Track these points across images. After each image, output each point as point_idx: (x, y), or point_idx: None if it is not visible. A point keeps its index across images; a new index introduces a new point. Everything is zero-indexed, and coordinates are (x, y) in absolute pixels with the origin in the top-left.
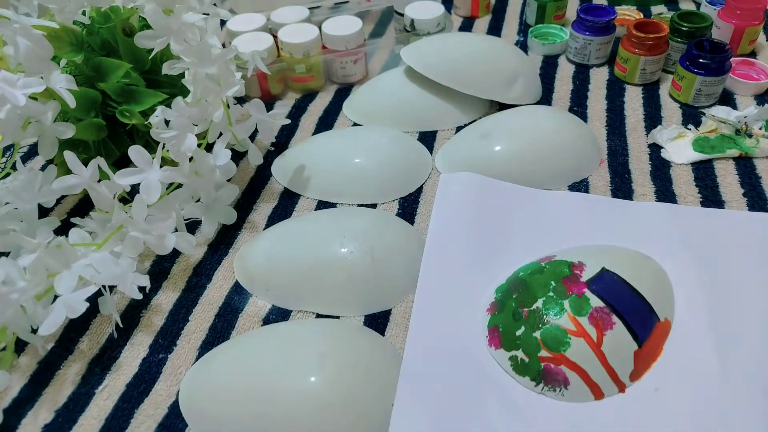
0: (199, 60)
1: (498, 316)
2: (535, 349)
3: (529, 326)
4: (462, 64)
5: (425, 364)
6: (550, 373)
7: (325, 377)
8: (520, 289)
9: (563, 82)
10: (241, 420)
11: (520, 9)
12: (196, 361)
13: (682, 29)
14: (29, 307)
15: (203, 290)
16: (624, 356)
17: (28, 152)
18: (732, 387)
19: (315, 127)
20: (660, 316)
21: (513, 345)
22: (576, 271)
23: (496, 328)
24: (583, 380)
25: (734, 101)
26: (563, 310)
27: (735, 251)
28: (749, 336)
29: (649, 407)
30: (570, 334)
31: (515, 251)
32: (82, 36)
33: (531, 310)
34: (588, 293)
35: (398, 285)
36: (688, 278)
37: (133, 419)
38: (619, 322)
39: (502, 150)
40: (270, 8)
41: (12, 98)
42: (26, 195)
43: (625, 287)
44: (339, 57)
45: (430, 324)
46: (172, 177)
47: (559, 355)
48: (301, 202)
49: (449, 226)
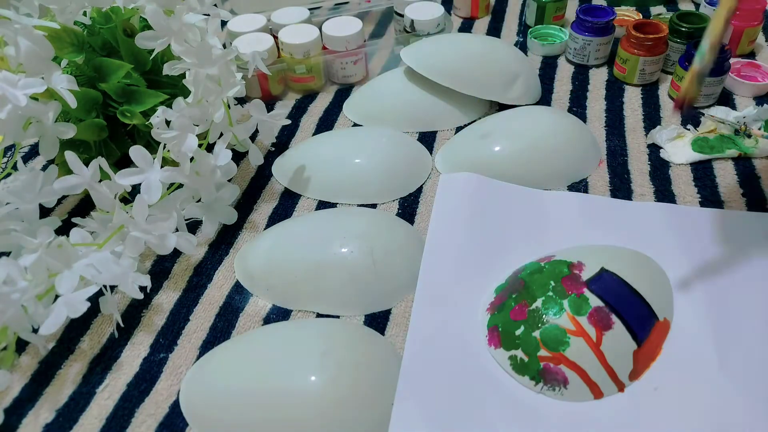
0: (200, 61)
1: (497, 315)
2: (535, 348)
3: (528, 326)
4: (462, 65)
5: (425, 363)
6: (549, 372)
7: (325, 376)
8: (520, 288)
9: (562, 83)
10: (242, 419)
11: (520, 10)
12: (196, 360)
13: (681, 30)
14: (30, 307)
15: (204, 290)
16: (623, 356)
17: (29, 152)
18: (731, 386)
19: (315, 127)
20: (659, 315)
21: (512, 344)
22: (575, 270)
23: (495, 327)
24: (582, 380)
25: (734, 102)
26: (563, 310)
27: (734, 251)
28: (748, 335)
29: (648, 407)
30: (569, 334)
31: (514, 251)
32: (83, 36)
33: (531, 309)
34: (587, 293)
35: (398, 285)
36: (687, 278)
37: (133, 418)
38: (619, 321)
39: (501, 150)
40: (270, 9)
41: (13, 98)
42: (27, 195)
43: (624, 287)
44: (339, 58)
45: (429, 324)
46: (173, 177)
47: (559, 355)
48: (302, 202)
49: (449, 226)
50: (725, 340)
